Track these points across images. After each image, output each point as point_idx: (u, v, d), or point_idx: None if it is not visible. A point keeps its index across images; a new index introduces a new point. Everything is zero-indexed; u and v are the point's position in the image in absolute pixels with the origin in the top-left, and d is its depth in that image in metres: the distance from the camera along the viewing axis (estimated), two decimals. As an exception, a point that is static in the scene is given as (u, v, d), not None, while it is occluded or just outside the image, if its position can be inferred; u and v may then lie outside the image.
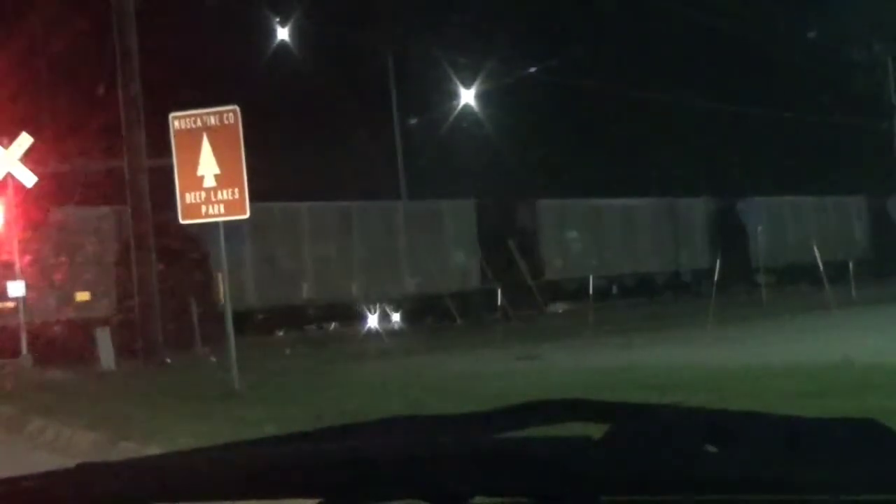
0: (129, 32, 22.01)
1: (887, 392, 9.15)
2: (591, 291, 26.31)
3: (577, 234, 33.47)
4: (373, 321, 26.67)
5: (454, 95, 37.97)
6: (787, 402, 9.13)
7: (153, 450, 8.87)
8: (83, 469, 1.61)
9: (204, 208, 14.14)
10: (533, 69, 37.05)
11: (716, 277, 21.63)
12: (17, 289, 21.78)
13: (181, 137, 14.23)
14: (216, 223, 14.14)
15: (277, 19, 37.27)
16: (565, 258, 32.92)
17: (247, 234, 25.77)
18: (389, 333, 25.68)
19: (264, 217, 25.69)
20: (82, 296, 25.16)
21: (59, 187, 24.27)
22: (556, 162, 36.49)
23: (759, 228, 33.31)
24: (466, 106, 38.02)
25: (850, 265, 28.82)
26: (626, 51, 38.39)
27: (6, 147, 21.57)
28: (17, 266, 21.84)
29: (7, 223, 21.89)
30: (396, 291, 29.47)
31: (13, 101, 24.19)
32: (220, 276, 23.32)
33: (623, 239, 34.50)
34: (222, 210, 14.09)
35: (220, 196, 14.04)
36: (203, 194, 14.08)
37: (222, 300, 25.07)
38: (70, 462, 1.67)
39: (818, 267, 24.85)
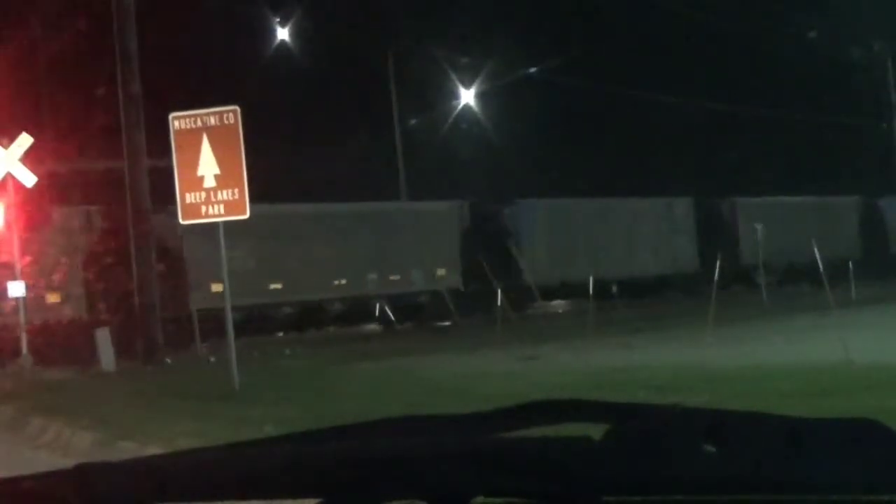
0: (129, 32, 22.00)
1: (887, 392, 9.15)
2: (591, 291, 26.28)
3: (763, 226, 38.68)
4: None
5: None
6: (787, 402, 9.13)
7: (153, 450, 8.87)
8: (83, 469, 1.61)
9: (204, 208, 14.14)
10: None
11: (716, 277, 21.55)
12: (16, 289, 21.78)
13: (181, 137, 14.22)
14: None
15: (277, 19, 37.28)
16: (754, 246, 37.82)
17: (541, 221, 34.60)
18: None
19: (555, 210, 35.30)
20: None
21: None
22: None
23: (759, 228, 33.49)
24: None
25: (850, 265, 28.81)
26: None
27: (6, 147, 21.56)
28: (18, 266, 21.86)
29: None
30: (631, 272, 36.02)
31: (13, 101, 24.18)
32: (520, 256, 33.41)
33: (792, 230, 39.26)
34: (222, 210, 14.09)
35: (220, 196, 14.04)
36: (203, 194, 14.07)
37: (526, 278, 33.16)
38: (70, 462, 1.67)
39: (818, 267, 24.86)
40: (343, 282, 30.36)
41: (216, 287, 27.61)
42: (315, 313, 30.06)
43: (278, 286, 28.93)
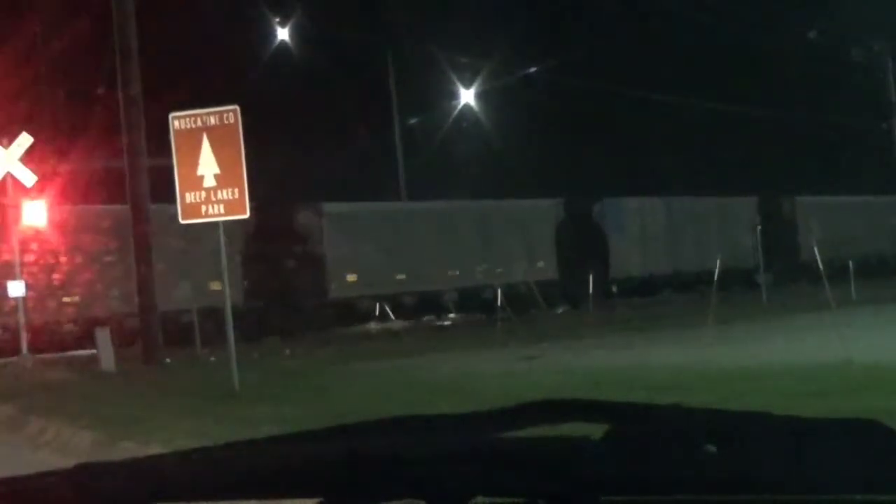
0: (129, 32, 21.98)
1: (887, 392, 9.15)
2: (591, 290, 26.31)
3: (819, 223, 41.43)
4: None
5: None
6: (787, 402, 9.13)
7: (153, 450, 8.87)
8: (83, 469, 1.61)
9: (204, 208, 14.13)
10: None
11: (716, 276, 21.56)
12: (16, 289, 21.79)
13: (181, 137, 14.21)
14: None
15: (277, 19, 37.27)
16: (812, 243, 38.38)
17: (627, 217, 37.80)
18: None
19: (642, 208, 38.55)
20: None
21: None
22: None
23: (759, 228, 33.59)
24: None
25: (850, 265, 28.84)
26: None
27: (6, 147, 21.54)
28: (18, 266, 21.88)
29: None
30: (702, 266, 37.81)
31: (13, 101, 24.17)
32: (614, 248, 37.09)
33: (848, 228, 41.79)
34: (222, 210, 14.08)
35: (220, 196, 14.03)
36: (203, 194, 14.07)
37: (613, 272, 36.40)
38: (70, 462, 1.67)
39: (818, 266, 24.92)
40: (456, 273, 33.43)
41: (351, 277, 31.25)
42: (434, 302, 33.19)
43: (403, 277, 32.10)
